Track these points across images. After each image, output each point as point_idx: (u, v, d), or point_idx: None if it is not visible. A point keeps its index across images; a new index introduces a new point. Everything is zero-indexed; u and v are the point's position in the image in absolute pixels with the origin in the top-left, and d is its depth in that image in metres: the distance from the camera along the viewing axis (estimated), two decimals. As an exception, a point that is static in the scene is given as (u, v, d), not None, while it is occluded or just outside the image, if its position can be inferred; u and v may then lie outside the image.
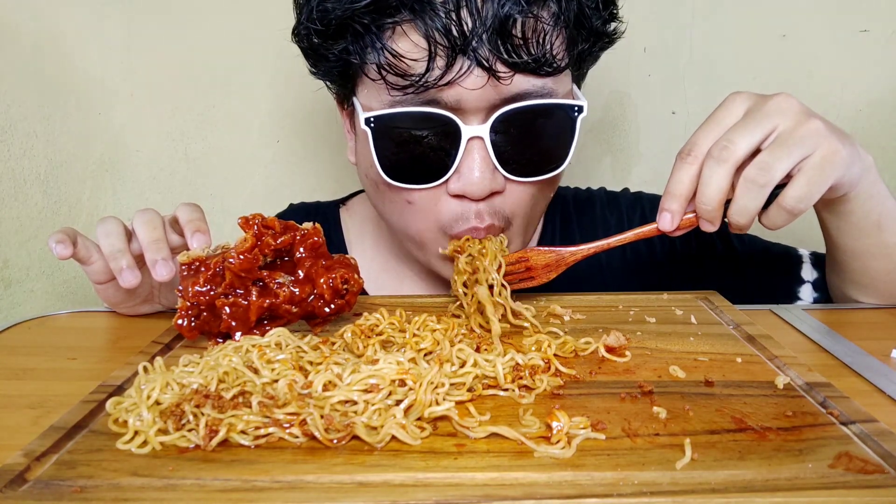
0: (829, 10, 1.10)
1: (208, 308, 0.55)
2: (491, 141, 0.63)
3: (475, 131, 0.62)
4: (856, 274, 0.70)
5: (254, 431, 0.41)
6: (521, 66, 0.61)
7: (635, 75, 1.14)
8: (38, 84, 1.10)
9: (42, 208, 1.13)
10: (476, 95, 0.61)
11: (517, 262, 0.63)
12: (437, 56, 0.60)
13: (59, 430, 0.42)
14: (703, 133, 0.57)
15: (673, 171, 0.58)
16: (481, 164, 0.63)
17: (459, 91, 0.61)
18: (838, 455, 0.39)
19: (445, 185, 0.65)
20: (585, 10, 0.64)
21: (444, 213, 0.66)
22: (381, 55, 0.61)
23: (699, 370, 0.51)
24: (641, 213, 0.88)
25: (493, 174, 0.64)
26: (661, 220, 0.59)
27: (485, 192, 0.64)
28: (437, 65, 0.60)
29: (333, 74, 0.69)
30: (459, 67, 0.60)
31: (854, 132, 1.13)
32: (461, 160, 0.63)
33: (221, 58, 1.12)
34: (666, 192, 0.59)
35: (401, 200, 0.68)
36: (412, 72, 0.61)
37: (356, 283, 0.58)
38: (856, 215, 0.64)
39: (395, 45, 0.61)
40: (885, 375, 0.52)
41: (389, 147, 0.65)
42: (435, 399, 0.44)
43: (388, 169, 0.65)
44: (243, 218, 0.56)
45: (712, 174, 0.55)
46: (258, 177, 1.18)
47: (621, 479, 0.37)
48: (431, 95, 0.61)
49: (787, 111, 0.55)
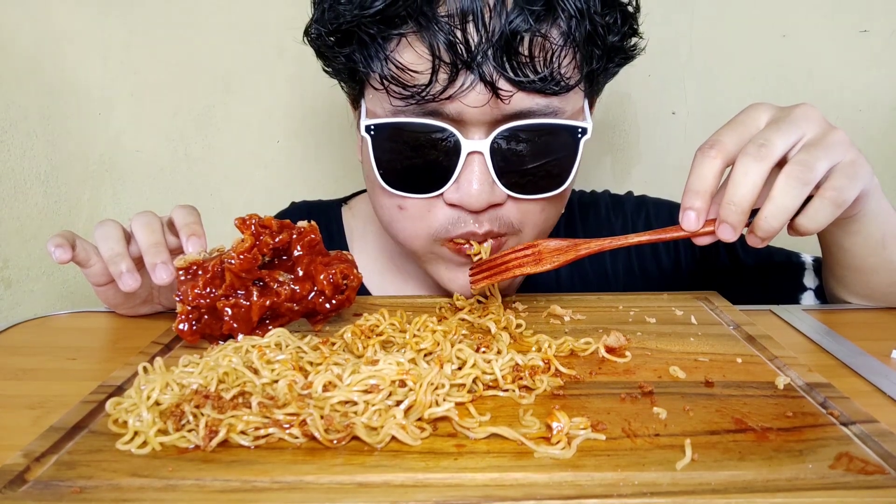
0: (829, 10, 1.10)
1: (209, 311, 0.55)
2: (491, 156, 0.62)
3: (475, 146, 0.61)
4: (857, 287, 0.70)
5: (254, 432, 0.41)
6: (525, 84, 0.59)
7: (635, 75, 1.14)
8: (38, 84, 1.10)
9: (42, 208, 1.13)
10: (478, 111, 0.60)
11: (526, 248, 0.61)
12: (441, 70, 0.59)
13: (58, 430, 0.42)
14: (726, 131, 0.55)
15: (694, 167, 0.54)
16: (480, 177, 0.62)
17: (461, 105, 0.60)
18: (838, 455, 0.39)
19: (442, 196, 0.64)
20: (599, 28, 0.61)
21: (439, 220, 0.65)
22: (384, 65, 0.61)
23: (699, 370, 0.51)
24: (646, 216, 0.88)
25: (491, 188, 0.63)
26: (684, 220, 0.55)
27: (482, 205, 0.63)
28: (440, 78, 0.59)
29: (343, 76, 0.69)
30: (462, 83, 0.59)
31: (854, 132, 1.13)
32: (460, 173, 0.62)
33: (221, 58, 1.12)
34: (687, 190, 0.55)
35: (393, 206, 0.67)
36: (415, 83, 0.60)
37: (356, 277, 0.58)
38: (862, 234, 0.64)
39: (399, 56, 0.60)
40: (885, 375, 0.52)
41: (388, 155, 0.64)
42: (435, 400, 0.44)
43: (386, 175, 0.65)
44: (240, 219, 0.56)
45: (748, 171, 0.52)
46: (258, 177, 1.18)
47: (621, 480, 0.37)
48: (433, 107, 0.61)
49: (812, 119, 0.54)
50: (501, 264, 0.62)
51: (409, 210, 0.66)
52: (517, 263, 0.61)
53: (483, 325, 0.59)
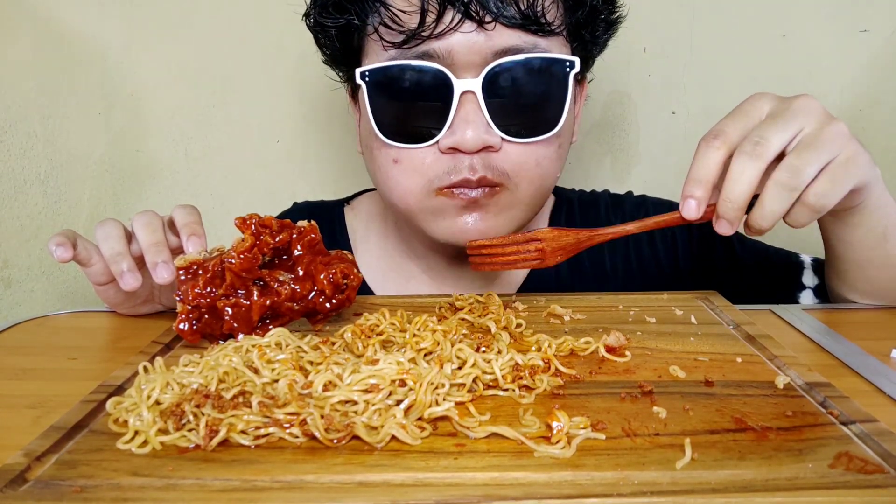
0: (829, 10, 1.10)
1: (210, 310, 0.55)
2: (483, 96, 0.64)
3: (467, 85, 0.64)
4: (858, 283, 0.70)
5: (254, 431, 0.41)
6: (508, 18, 0.63)
7: (635, 75, 1.14)
8: (38, 84, 1.10)
9: (42, 208, 1.13)
10: (466, 48, 0.64)
11: (528, 242, 0.62)
12: (429, 10, 0.63)
13: (59, 429, 0.42)
14: (730, 121, 0.56)
15: (697, 156, 0.55)
16: (473, 117, 0.64)
17: (450, 43, 0.64)
18: (838, 455, 0.39)
19: (437, 145, 0.66)
20: None
21: (433, 169, 0.67)
22: (378, 14, 0.65)
23: (699, 370, 0.51)
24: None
25: (486, 128, 0.65)
26: (685, 208, 0.56)
27: (477, 145, 0.64)
28: (428, 19, 0.63)
29: (338, 56, 0.72)
30: (450, 19, 0.63)
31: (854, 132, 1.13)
32: (454, 115, 0.65)
33: (221, 58, 1.12)
34: (689, 178, 0.56)
35: (388, 160, 0.69)
36: (405, 27, 0.64)
37: (356, 277, 0.58)
38: (863, 227, 0.64)
39: (391, 1, 0.65)
40: (885, 375, 0.52)
41: (384, 103, 0.67)
42: (435, 399, 0.44)
43: (382, 126, 0.67)
44: (240, 218, 0.57)
45: (744, 169, 0.53)
46: (258, 177, 1.18)
47: (621, 479, 0.37)
48: (424, 49, 0.64)
49: (812, 112, 0.55)
50: (503, 255, 0.62)
51: (403, 163, 0.68)
52: (521, 258, 0.62)
53: (483, 325, 0.59)
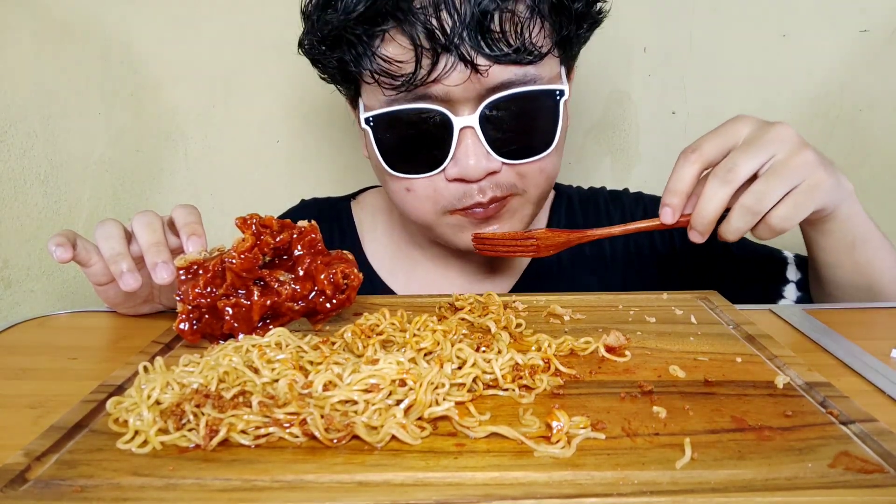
0: (829, 10, 1.10)
1: (210, 310, 0.55)
2: (481, 129, 0.68)
3: (465, 121, 0.68)
4: (830, 286, 0.75)
5: (254, 431, 0.41)
6: (501, 57, 0.65)
7: (635, 75, 1.15)
8: (38, 84, 1.10)
9: (42, 208, 1.13)
10: (462, 88, 0.66)
11: (526, 239, 0.68)
12: (423, 56, 0.65)
13: (59, 429, 0.42)
14: (709, 139, 0.62)
15: (675, 169, 0.62)
16: (475, 149, 0.68)
17: (447, 85, 0.66)
18: (838, 455, 0.39)
19: (443, 173, 0.71)
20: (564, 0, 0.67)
21: (445, 196, 0.72)
22: (373, 61, 0.67)
23: (699, 370, 0.51)
24: (643, 210, 0.92)
25: (487, 157, 0.69)
26: (662, 214, 0.63)
27: (480, 173, 0.69)
28: (424, 64, 0.65)
29: (338, 79, 0.75)
30: (444, 65, 0.65)
31: (854, 132, 1.14)
32: (456, 149, 0.69)
33: (222, 58, 1.12)
34: (667, 189, 0.63)
35: (401, 188, 0.73)
36: (402, 73, 0.66)
37: (356, 277, 0.58)
38: (835, 235, 0.69)
39: (385, 51, 0.67)
40: (885, 375, 0.52)
41: (389, 141, 0.71)
42: (435, 399, 0.44)
43: (390, 161, 0.72)
44: (240, 218, 0.57)
45: (714, 193, 0.59)
46: (258, 177, 1.18)
47: (621, 479, 0.37)
48: (422, 92, 0.67)
49: (785, 141, 0.60)
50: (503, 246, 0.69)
51: (416, 191, 0.73)
52: (520, 250, 0.69)
53: (483, 325, 0.59)
